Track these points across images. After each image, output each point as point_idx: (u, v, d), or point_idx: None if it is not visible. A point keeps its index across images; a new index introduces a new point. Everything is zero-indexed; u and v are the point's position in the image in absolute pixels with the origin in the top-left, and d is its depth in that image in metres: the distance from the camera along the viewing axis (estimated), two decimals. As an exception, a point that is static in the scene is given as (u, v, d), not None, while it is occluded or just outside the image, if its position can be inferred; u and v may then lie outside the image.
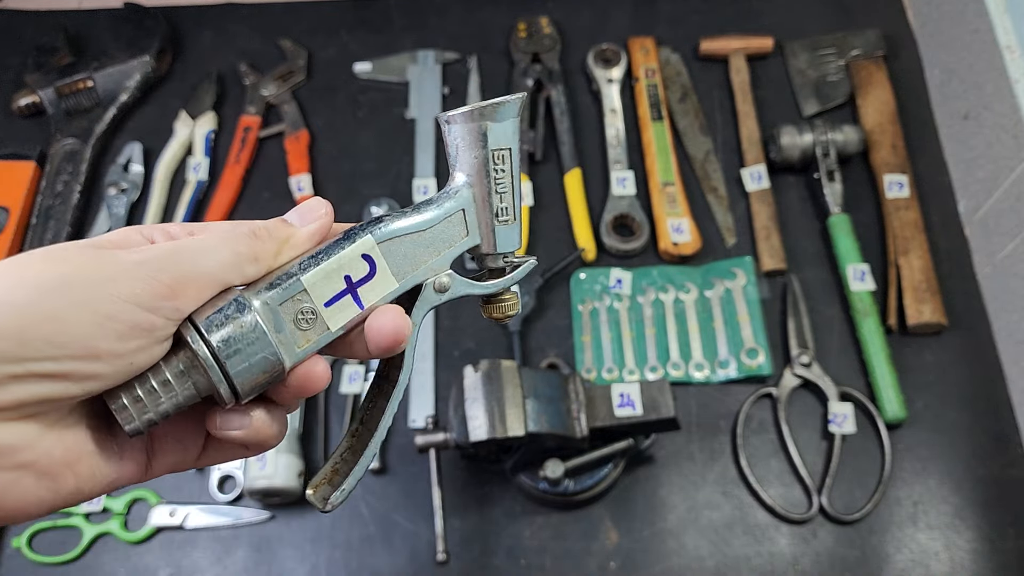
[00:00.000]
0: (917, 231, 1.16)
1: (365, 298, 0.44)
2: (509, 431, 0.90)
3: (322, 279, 0.43)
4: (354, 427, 0.48)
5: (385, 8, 1.45)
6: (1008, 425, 1.08)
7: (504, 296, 0.49)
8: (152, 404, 0.40)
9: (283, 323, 0.42)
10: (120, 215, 1.27)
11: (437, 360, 1.14)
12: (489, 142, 0.46)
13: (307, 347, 0.43)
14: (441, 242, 0.46)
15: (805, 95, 1.32)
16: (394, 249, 0.45)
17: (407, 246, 0.45)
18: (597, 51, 1.34)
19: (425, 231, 0.45)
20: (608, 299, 1.17)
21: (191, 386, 0.41)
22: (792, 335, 1.12)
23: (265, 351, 0.41)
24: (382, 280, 0.44)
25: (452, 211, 0.46)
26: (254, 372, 0.41)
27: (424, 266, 0.46)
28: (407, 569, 1.03)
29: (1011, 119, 1.09)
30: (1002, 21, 1.14)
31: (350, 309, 0.43)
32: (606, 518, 1.04)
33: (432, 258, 0.46)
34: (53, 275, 0.38)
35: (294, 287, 0.42)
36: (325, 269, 0.43)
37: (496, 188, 0.46)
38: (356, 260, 0.43)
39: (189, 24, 1.45)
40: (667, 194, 1.22)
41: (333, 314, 0.43)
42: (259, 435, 0.44)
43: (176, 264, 0.40)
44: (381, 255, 0.44)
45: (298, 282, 0.42)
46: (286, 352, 0.42)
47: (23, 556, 1.04)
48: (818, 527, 1.03)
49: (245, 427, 0.43)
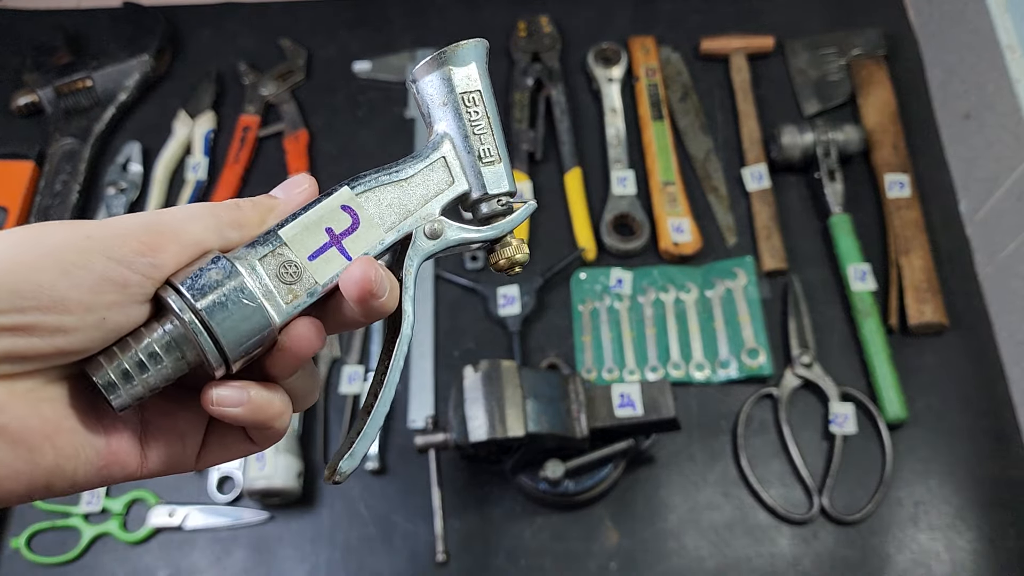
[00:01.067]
0: (918, 231, 1.16)
1: (352, 249, 0.43)
2: (509, 431, 0.90)
3: (302, 231, 0.42)
4: (368, 403, 0.46)
5: (385, 7, 1.45)
6: (1009, 425, 1.07)
7: (507, 240, 0.47)
8: (138, 374, 0.39)
9: (266, 278, 0.41)
10: (119, 215, 1.26)
11: (437, 360, 1.14)
12: (456, 86, 0.45)
13: (295, 302, 0.41)
14: (427, 191, 0.45)
15: (806, 94, 1.31)
16: (376, 199, 0.44)
17: (390, 196, 0.44)
18: (597, 50, 1.34)
19: (406, 180, 0.45)
20: (608, 299, 1.16)
21: (178, 352, 0.39)
22: (793, 335, 1.12)
23: (251, 308, 0.39)
24: (368, 231, 0.43)
25: (432, 159, 0.46)
26: (242, 331, 0.39)
27: (412, 216, 0.45)
28: (407, 570, 1.02)
29: (1012, 119, 1.09)
30: (1003, 21, 1.14)
31: (337, 261, 0.42)
32: (606, 519, 1.04)
33: (419, 207, 0.45)
34: (24, 233, 0.37)
35: (273, 242, 0.41)
36: (303, 222, 0.42)
37: (473, 130, 0.46)
38: (336, 211, 0.43)
39: (188, 23, 1.45)
40: (668, 194, 1.22)
41: (319, 267, 0.42)
42: (260, 414, 0.41)
43: (154, 223, 0.39)
44: (362, 206, 0.43)
45: (277, 236, 0.41)
46: (273, 308, 0.41)
47: (22, 557, 1.04)
48: (819, 528, 1.03)
49: (244, 402, 0.41)
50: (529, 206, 0.48)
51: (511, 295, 1.15)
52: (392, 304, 0.43)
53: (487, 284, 1.17)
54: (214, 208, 0.41)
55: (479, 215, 0.47)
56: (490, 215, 0.47)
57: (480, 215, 0.47)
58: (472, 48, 0.46)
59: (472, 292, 1.18)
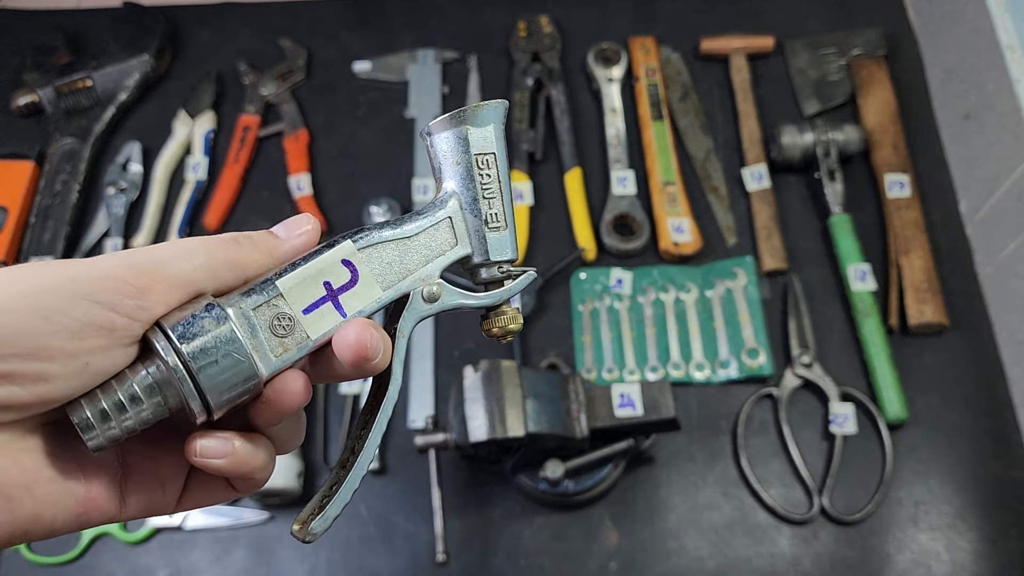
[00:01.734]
0: (918, 231, 1.16)
1: (347, 306, 0.42)
2: (509, 431, 0.90)
3: (299, 284, 0.41)
4: (344, 457, 0.45)
5: (385, 7, 1.45)
6: (1009, 425, 1.07)
7: (502, 309, 0.47)
8: (116, 416, 0.38)
9: (258, 330, 0.40)
10: (119, 215, 1.26)
11: (437, 360, 1.14)
12: (471, 146, 0.44)
13: (285, 356, 0.40)
14: (429, 251, 0.44)
15: (806, 94, 1.31)
16: (377, 256, 0.43)
17: (391, 254, 0.43)
18: (597, 50, 1.34)
19: (410, 238, 0.44)
20: (608, 299, 1.16)
21: (159, 397, 0.38)
22: (793, 335, 1.12)
23: (239, 358, 0.39)
24: (365, 288, 0.43)
25: (438, 218, 0.45)
26: (227, 381, 0.38)
27: (411, 276, 0.44)
28: (407, 570, 1.02)
29: (1012, 119, 1.09)
30: (1003, 21, 1.14)
31: (331, 316, 0.42)
32: (606, 519, 1.04)
33: (419, 267, 0.44)
34: (4, 275, 0.35)
35: (270, 291, 0.40)
36: (302, 274, 0.41)
37: (483, 194, 0.45)
38: (336, 265, 0.42)
39: (188, 23, 1.45)
40: (668, 194, 1.22)
41: (313, 322, 0.41)
42: (243, 465, 0.40)
43: (142, 263, 0.37)
44: (363, 261, 0.42)
45: (273, 286, 0.40)
46: (261, 360, 0.40)
47: (22, 556, 1.04)
48: (819, 528, 1.03)
49: (228, 454, 0.40)
50: (528, 276, 0.47)
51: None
52: (384, 364, 0.42)
53: (487, 284, 1.16)
54: (209, 245, 0.40)
55: (477, 279, 0.47)
56: (489, 281, 0.47)
57: (479, 279, 0.47)
58: (492, 110, 0.45)
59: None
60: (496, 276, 0.46)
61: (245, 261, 0.41)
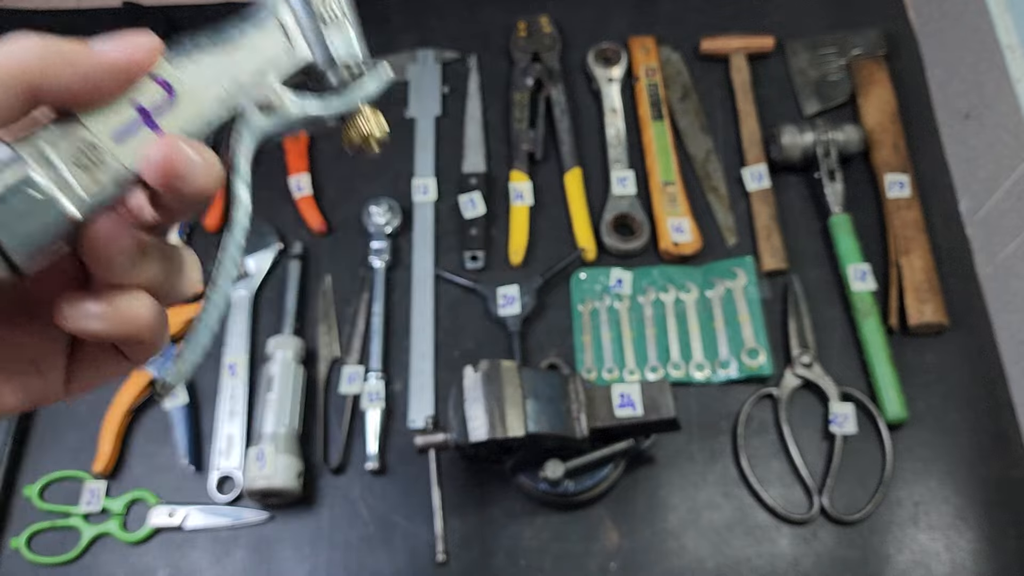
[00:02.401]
0: (918, 231, 1.16)
1: (168, 128, 0.36)
2: (509, 431, 0.90)
3: (103, 108, 0.34)
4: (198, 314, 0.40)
5: (385, 7, 1.45)
6: (1010, 425, 1.07)
7: (360, 112, 0.41)
8: None
9: (57, 164, 0.33)
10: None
11: (437, 360, 1.14)
12: None
13: (98, 191, 0.34)
14: (260, 59, 0.39)
15: (806, 94, 1.31)
16: (197, 69, 0.37)
17: (215, 65, 0.38)
18: (597, 50, 1.34)
19: (233, 46, 0.39)
20: (608, 299, 1.16)
21: None
22: (793, 335, 1.12)
23: (35, 195, 0.32)
24: (187, 106, 0.36)
25: (263, 19, 0.40)
26: (27, 225, 0.32)
27: (243, 88, 0.38)
28: (407, 570, 1.02)
29: (1012, 118, 1.09)
30: (1003, 20, 1.14)
31: (150, 142, 0.35)
32: (606, 519, 1.04)
33: (251, 78, 0.39)
34: None
35: (66, 121, 0.34)
36: None
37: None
38: (145, 83, 0.35)
39: (188, 23, 1.45)
40: (668, 194, 1.22)
41: (129, 151, 0.35)
42: (126, 323, 0.35)
43: None
44: (179, 78, 0.36)
45: (72, 115, 0.34)
46: (70, 199, 0.33)
47: (22, 557, 1.04)
48: (819, 528, 1.03)
49: (102, 313, 0.34)
50: (380, 69, 0.41)
51: (511, 295, 1.15)
52: (211, 185, 0.36)
53: (487, 284, 1.17)
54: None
55: (327, 87, 0.41)
56: (339, 86, 0.41)
57: (328, 88, 0.41)
58: None
59: (472, 292, 1.18)
60: (345, 78, 0.41)
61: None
